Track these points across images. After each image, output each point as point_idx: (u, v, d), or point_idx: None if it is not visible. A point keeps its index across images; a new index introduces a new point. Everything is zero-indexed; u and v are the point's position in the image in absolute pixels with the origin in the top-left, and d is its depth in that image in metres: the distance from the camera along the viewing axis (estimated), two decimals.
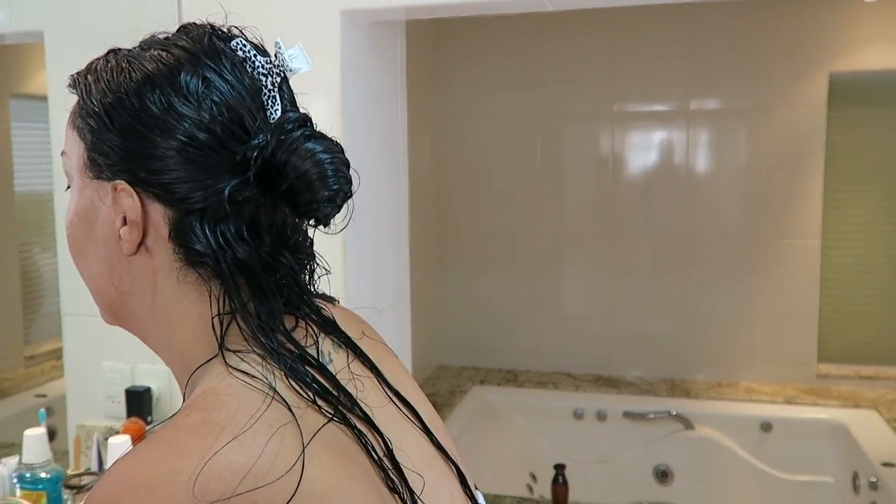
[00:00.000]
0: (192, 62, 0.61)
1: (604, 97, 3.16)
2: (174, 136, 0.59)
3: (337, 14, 1.53)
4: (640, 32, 3.06)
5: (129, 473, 0.51)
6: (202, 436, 0.51)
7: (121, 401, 1.61)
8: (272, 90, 0.62)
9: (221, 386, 0.56)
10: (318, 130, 0.62)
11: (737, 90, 3.03)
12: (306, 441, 0.54)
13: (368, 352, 0.68)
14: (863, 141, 2.98)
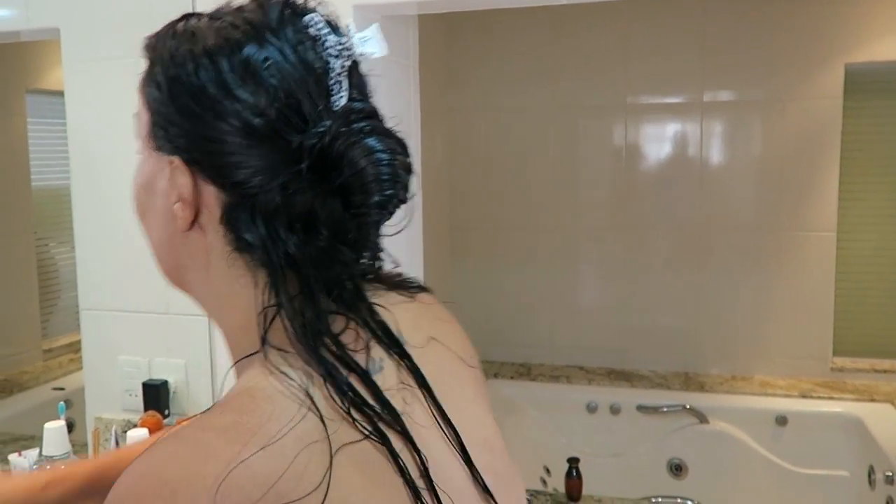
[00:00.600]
0: (256, 38, 0.57)
1: (617, 90, 3.15)
2: (227, 120, 0.56)
3: (350, 8, 1.54)
4: (654, 25, 3.04)
5: (154, 469, 0.50)
6: (231, 440, 0.50)
7: (138, 394, 1.63)
8: (340, 74, 0.57)
9: (259, 387, 0.54)
10: (385, 126, 0.58)
11: (751, 82, 3.01)
12: (335, 459, 0.51)
13: (428, 361, 0.62)
14: (879, 132, 2.95)
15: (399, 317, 0.64)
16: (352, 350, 0.57)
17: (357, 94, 0.58)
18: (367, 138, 0.56)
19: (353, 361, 0.56)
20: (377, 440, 0.54)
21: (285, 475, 0.49)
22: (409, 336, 0.63)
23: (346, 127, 0.56)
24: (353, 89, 0.58)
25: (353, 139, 0.56)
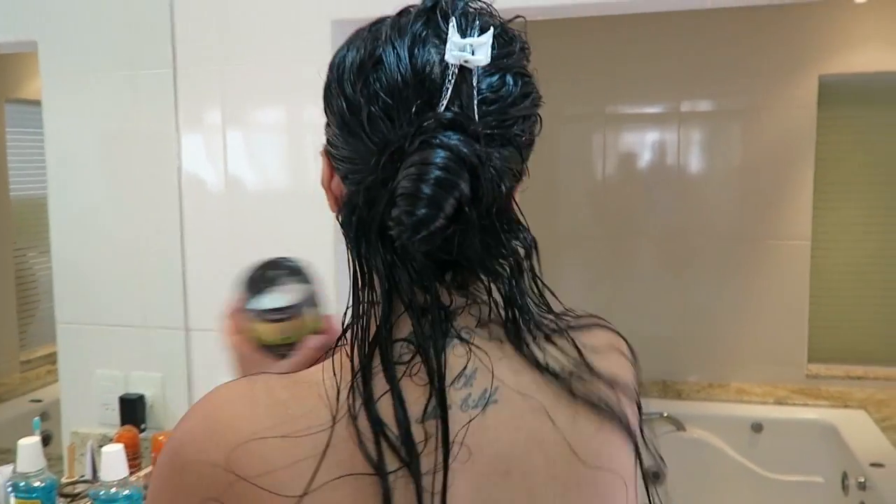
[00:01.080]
0: (379, 42, 0.56)
1: (597, 99, 3.18)
2: (334, 112, 0.58)
3: (328, 23, 1.55)
4: (632, 35, 3.07)
5: (215, 405, 0.57)
6: (271, 415, 0.55)
7: (115, 408, 1.63)
8: (448, 81, 0.53)
9: (315, 382, 0.57)
10: (462, 143, 0.52)
11: (728, 92, 3.05)
12: (335, 482, 0.53)
13: (498, 439, 0.56)
14: (852, 142, 3.00)
15: (499, 371, 0.58)
16: (422, 384, 0.55)
17: (459, 102, 0.53)
18: (432, 150, 0.52)
19: (400, 398, 0.54)
20: (374, 467, 0.53)
21: (287, 469, 0.53)
22: (502, 394, 0.57)
23: (422, 135, 0.52)
24: (457, 97, 0.53)
25: (419, 148, 0.52)
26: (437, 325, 0.56)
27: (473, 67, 0.53)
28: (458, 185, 0.52)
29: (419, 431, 0.54)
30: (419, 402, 0.55)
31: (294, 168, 1.62)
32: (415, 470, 0.53)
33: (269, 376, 0.59)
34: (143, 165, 1.70)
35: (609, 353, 0.66)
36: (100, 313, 1.70)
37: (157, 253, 1.69)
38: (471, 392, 0.56)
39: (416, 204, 0.51)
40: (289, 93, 1.60)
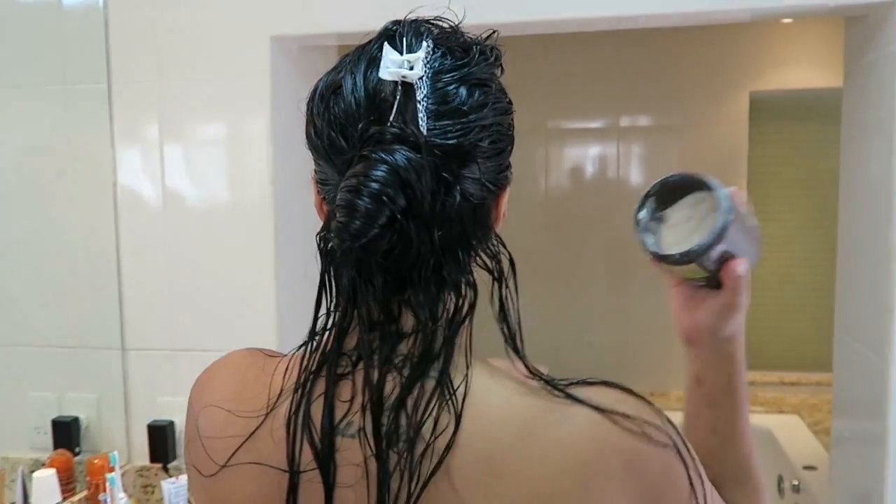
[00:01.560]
0: (340, 67, 0.59)
1: (539, 114, 3.23)
2: (307, 138, 0.60)
3: (267, 40, 1.54)
4: (572, 52, 3.14)
5: (216, 365, 0.67)
6: (234, 386, 0.63)
7: (47, 431, 1.58)
8: (393, 97, 0.55)
9: (281, 360, 0.64)
10: (394, 158, 0.53)
11: (665, 108, 3.14)
12: (250, 467, 0.59)
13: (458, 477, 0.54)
14: (783, 156, 3.12)
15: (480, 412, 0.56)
16: (342, 399, 0.57)
17: (403, 117, 0.54)
18: (371, 164, 0.53)
19: (329, 409, 0.57)
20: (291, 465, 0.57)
21: (223, 440, 0.60)
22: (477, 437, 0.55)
23: (364, 150, 0.54)
24: (402, 112, 0.54)
25: (359, 162, 0.54)
26: (382, 344, 0.57)
27: (415, 81, 0.54)
28: (395, 197, 0.52)
29: (339, 442, 0.57)
30: (355, 414, 0.57)
31: (233, 183, 1.61)
32: (325, 476, 0.56)
33: (260, 356, 0.66)
34: (76, 181, 1.66)
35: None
36: (31, 334, 1.64)
37: (91, 271, 1.65)
38: (380, 423, 0.56)
39: (352, 215, 0.52)
40: (228, 108, 1.59)
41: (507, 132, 0.61)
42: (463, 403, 0.55)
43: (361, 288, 0.56)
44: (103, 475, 1.43)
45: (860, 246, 1.47)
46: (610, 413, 0.55)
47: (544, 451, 0.54)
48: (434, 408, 0.55)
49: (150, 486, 1.62)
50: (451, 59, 0.57)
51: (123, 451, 1.61)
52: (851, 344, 1.50)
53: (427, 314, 0.56)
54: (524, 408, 0.56)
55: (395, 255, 0.55)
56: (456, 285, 0.57)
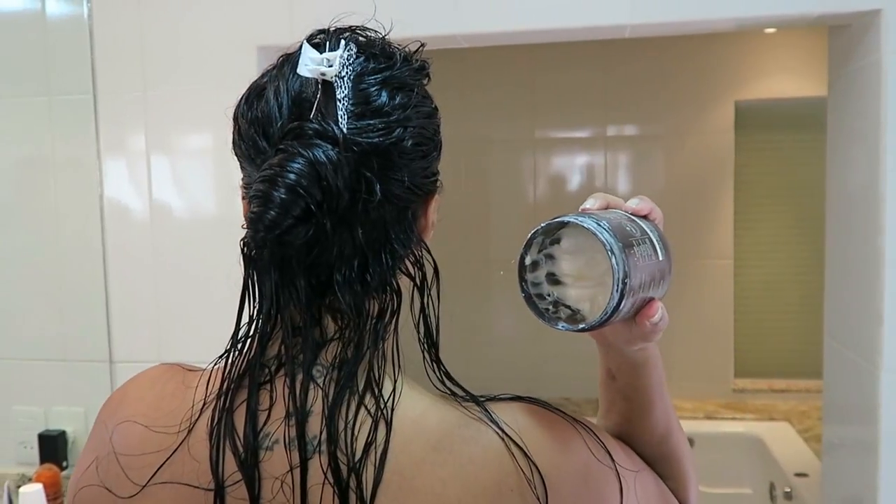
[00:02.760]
0: (266, 74, 0.60)
1: (526, 123, 3.24)
2: (233, 144, 0.61)
3: (254, 50, 1.54)
4: (558, 61, 3.16)
5: (132, 381, 0.66)
6: (152, 402, 0.62)
7: (34, 446, 1.56)
8: (313, 96, 0.55)
9: (201, 374, 0.63)
10: (308, 148, 0.53)
11: (651, 117, 3.16)
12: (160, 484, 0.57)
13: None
14: (769, 165, 3.14)
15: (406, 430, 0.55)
16: (261, 409, 0.56)
17: (321, 114, 0.55)
18: (288, 157, 0.53)
19: (252, 418, 0.55)
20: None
21: (139, 457, 0.58)
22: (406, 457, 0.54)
23: (282, 145, 0.54)
24: (321, 110, 0.55)
25: (275, 155, 0.54)
26: (305, 352, 0.56)
27: (333, 79, 0.55)
28: (311, 190, 0.52)
29: (265, 461, 0.55)
30: (274, 427, 0.56)
31: (220, 195, 1.60)
32: (251, 489, 0.54)
33: (180, 369, 0.64)
34: (63, 193, 1.65)
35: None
36: (17, 346, 1.63)
37: (78, 283, 1.63)
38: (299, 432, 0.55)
39: (266, 206, 0.52)
40: (214, 119, 1.57)
41: (431, 136, 0.60)
42: (392, 414, 0.55)
43: (284, 292, 0.56)
44: None
45: (848, 253, 1.48)
46: (519, 435, 0.55)
47: (455, 469, 0.54)
48: (362, 417, 0.55)
49: None
50: (374, 63, 0.58)
51: None
52: (841, 351, 1.51)
53: (351, 318, 0.56)
54: (438, 421, 0.56)
55: (315, 254, 0.55)
56: (380, 289, 0.58)
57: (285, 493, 0.54)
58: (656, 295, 0.63)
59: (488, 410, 0.56)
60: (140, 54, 1.59)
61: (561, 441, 0.56)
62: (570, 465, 0.55)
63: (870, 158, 1.35)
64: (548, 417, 0.58)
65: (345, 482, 0.53)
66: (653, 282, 0.61)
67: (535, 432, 0.56)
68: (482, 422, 0.56)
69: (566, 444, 0.56)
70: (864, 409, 1.38)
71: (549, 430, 0.57)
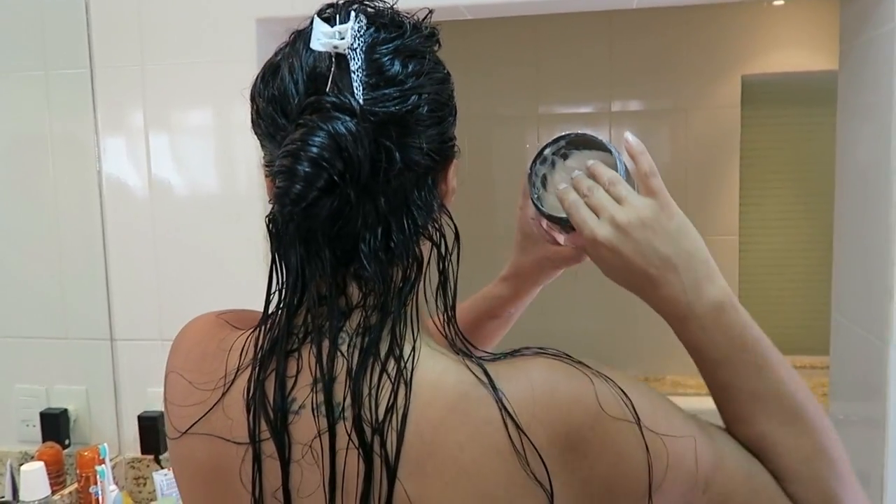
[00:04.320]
0: (278, 53, 0.61)
1: (530, 99, 3.21)
2: (252, 123, 0.62)
3: (253, 22, 1.52)
4: (563, 36, 3.11)
5: (182, 332, 0.70)
6: (195, 356, 0.66)
7: (36, 424, 1.56)
8: (328, 70, 0.56)
9: (239, 336, 0.65)
10: (325, 122, 0.54)
11: (656, 92, 3.12)
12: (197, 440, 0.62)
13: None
14: (775, 140, 3.10)
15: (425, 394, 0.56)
16: (289, 375, 0.58)
17: (338, 87, 0.55)
18: (309, 130, 0.54)
19: (281, 385, 0.58)
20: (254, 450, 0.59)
21: (181, 407, 0.63)
22: (429, 427, 0.55)
23: (301, 119, 0.55)
24: (337, 82, 0.56)
25: (296, 130, 0.55)
26: (331, 320, 0.57)
27: (346, 51, 0.56)
28: (333, 160, 0.53)
29: (293, 425, 0.58)
30: (301, 393, 0.58)
31: (221, 171, 1.58)
32: (281, 451, 0.57)
33: (224, 327, 0.66)
34: (61, 169, 1.63)
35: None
36: (18, 325, 1.62)
37: (78, 260, 1.62)
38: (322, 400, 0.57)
39: (292, 180, 0.53)
40: (214, 93, 1.56)
41: (446, 102, 0.61)
42: (411, 378, 0.56)
43: (310, 264, 0.57)
44: (93, 468, 1.41)
45: (857, 229, 1.46)
46: (533, 393, 0.55)
47: (471, 431, 0.54)
48: (384, 382, 0.56)
49: (142, 478, 1.60)
50: (385, 33, 0.58)
51: (114, 443, 1.59)
52: (849, 326, 1.49)
53: (377, 285, 0.57)
54: (455, 383, 0.56)
55: (340, 225, 0.56)
56: (403, 256, 0.58)
57: (313, 455, 0.56)
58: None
59: (489, 374, 0.56)
60: (138, 28, 1.56)
61: (574, 398, 0.55)
62: (579, 421, 0.54)
63: (881, 132, 1.32)
64: (566, 372, 0.57)
65: (368, 445, 0.54)
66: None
67: (546, 388, 0.55)
68: (499, 381, 0.56)
69: (579, 401, 0.55)
70: (871, 384, 1.36)
71: (565, 385, 0.56)
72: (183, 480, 0.66)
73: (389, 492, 0.54)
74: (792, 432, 0.61)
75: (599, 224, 0.65)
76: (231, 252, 1.56)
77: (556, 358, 0.58)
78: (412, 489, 0.54)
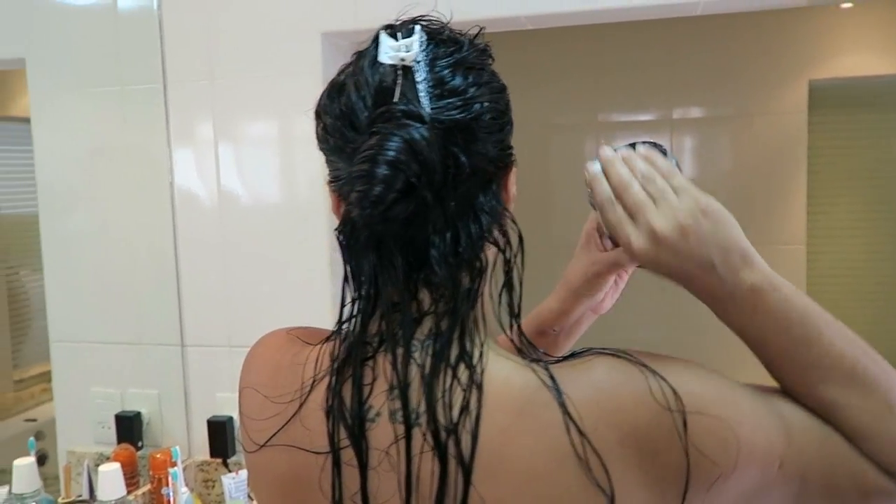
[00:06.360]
0: (343, 71, 0.63)
1: (589, 107, 3.18)
2: (320, 140, 0.64)
3: (318, 36, 1.55)
4: (623, 43, 3.08)
5: (254, 349, 0.72)
6: (270, 371, 0.68)
7: (111, 426, 1.61)
8: (394, 82, 0.59)
9: (312, 349, 0.66)
10: (400, 129, 0.56)
11: (719, 98, 3.06)
12: (274, 450, 0.63)
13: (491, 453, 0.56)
14: (843, 146, 3.01)
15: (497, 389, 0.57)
16: (365, 383, 0.60)
17: (406, 97, 0.58)
18: (383, 137, 0.56)
19: (358, 392, 0.59)
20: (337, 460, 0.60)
21: (259, 421, 0.65)
22: (498, 422, 0.56)
23: (375, 127, 0.57)
24: (405, 93, 0.58)
25: (371, 137, 0.57)
26: (405, 328, 0.59)
27: (412, 64, 0.59)
28: (409, 164, 0.55)
29: (370, 433, 0.59)
30: (378, 401, 0.60)
31: (286, 181, 1.62)
32: (360, 456, 0.58)
33: (296, 342, 0.68)
34: (135, 181, 1.70)
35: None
36: (94, 330, 1.68)
37: (151, 268, 1.68)
38: (399, 407, 0.58)
39: (371, 183, 0.55)
40: (279, 106, 1.60)
41: (504, 110, 0.64)
42: (482, 380, 0.57)
43: (383, 272, 0.59)
44: (166, 469, 1.45)
45: None
46: (596, 391, 0.56)
47: (537, 435, 0.55)
48: (455, 387, 0.57)
49: (211, 481, 1.65)
50: (444, 48, 0.61)
51: (184, 446, 1.64)
52: None
53: (447, 291, 0.59)
54: (521, 387, 0.57)
55: (413, 229, 0.58)
56: (471, 261, 0.60)
57: (389, 461, 0.58)
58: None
59: (553, 378, 0.57)
60: (207, 44, 1.61)
61: (638, 398, 0.56)
62: (646, 420, 0.56)
63: None
64: (627, 372, 0.58)
65: (442, 451, 0.56)
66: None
67: (610, 390, 0.57)
68: (562, 383, 0.57)
69: (643, 401, 0.56)
70: None
71: (628, 385, 0.57)
72: (262, 490, 0.67)
73: (465, 494, 0.55)
74: (856, 393, 0.61)
75: (637, 234, 0.64)
76: (295, 260, 1.59)
77: (616, 357, 0.59)
78: (486, 492, 0.55)
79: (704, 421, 0.56)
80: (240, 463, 1.62)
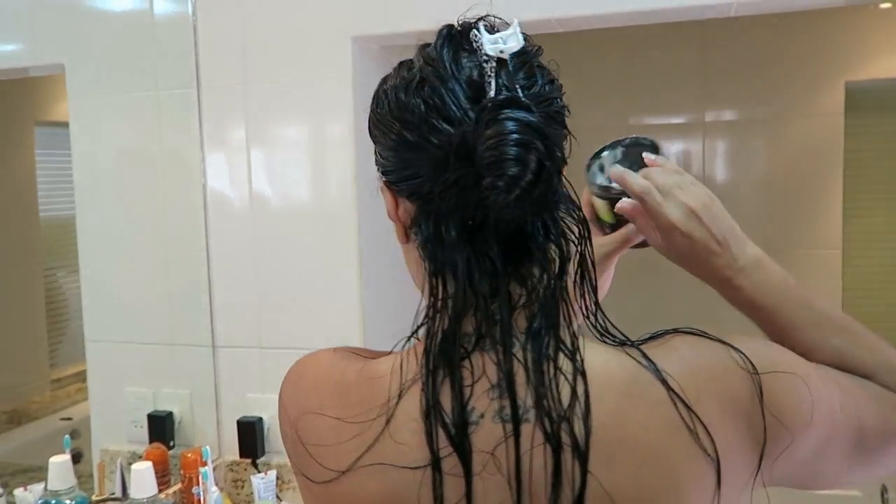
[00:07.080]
0: (413, 67, 0.63)
1: (620, 110, 3.16)
2: (389, 138, 0.63)
3: (348, 40, 1.56)
4: (655, 45, 3.06)
5: (302, 373, 0.67)
6: (334, 391, 0.63)
7: (144, 425, 1.64)
8: (489, 74, 0.59)
9: (384, 360, 0.63)
10: (523, 113, 0.57)
11: (753, 101, 3.02)
12: (363, 469, 0.59)
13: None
14: (881, 149, 2.95)
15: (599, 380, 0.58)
16: (466, 384, 0.58)
17: (506, 87, 0.58)
18: (502, 123, 0.56)
19: (459, 395, 0.57)
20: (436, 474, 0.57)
21: (333, 447, 0.60)
22: (607, 414, 0.57)
23: (486, 117, 0.57)
24: (502, 84, 0.59)
25: (488, 126, 0.56)
26: (503, 322, 0.58)
27: (507, 58, 0.59)
28: (535, 143, 0.56)
29: (473, 436, 0.58)
30: (480, 402, 0.58)
31: (318, 185, 1.63)
32: (466, 468, 0.56)
33: (354, 357, 0.65)
34: (169, 184, 1.72)
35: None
36: (128, 331, 1.71)
37: (183, 271, 1.70)
38: (505, 404, 0.57)
39: (505, 165, 0.55)
40: (311, 110, 1.61)
41: (565, 109, 0.66)
42: (583, 369, 0.58)
43: (477, 267, 0.58)
44: (197, 469, 1.47)
45: None
46: (689, 367, 0.60)
47: (648, 412, 0.57)
48: (559, 377, 0.57)
49: (240, 481, 1.66)
50: (527, 44, 0.62)
51: (214, 446, 1.65)
52: None
53: (542, 276, 0.59)
54: (620, 369, 0.59)
55: (520, 218, 0.59)
56: (559, 248, 0.61)
57: (495, 464, 0.57)
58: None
59: (648, 357, 0.59)
60: (240, 49, 1.63)
61: (726, 367, 0.60)
62: (738, 386, 0.59)
63: None
64: (708, 345, 0.62)
65: (555, 441, 0.55)
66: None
67: (700, 361, 0.60)
68: (654, 364, 0.59)
69: (731, 369, 0.60)
70: None
71: (713, 356, 0.61)
72: None
73: (582, 482, 0.55)
74: (852, 339, 0.72)
75: (674, 208, 0.73)
76: (325, 263, 1.60)
77: (690, 333, 0.63)
78: (605, 479, 0.55)
79: (781, 378, 0.61)
80: (268, 463, 1.63)
